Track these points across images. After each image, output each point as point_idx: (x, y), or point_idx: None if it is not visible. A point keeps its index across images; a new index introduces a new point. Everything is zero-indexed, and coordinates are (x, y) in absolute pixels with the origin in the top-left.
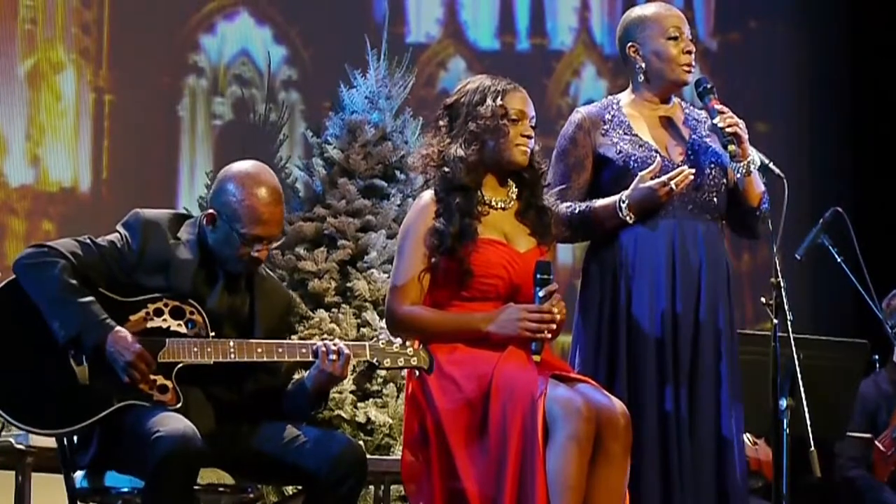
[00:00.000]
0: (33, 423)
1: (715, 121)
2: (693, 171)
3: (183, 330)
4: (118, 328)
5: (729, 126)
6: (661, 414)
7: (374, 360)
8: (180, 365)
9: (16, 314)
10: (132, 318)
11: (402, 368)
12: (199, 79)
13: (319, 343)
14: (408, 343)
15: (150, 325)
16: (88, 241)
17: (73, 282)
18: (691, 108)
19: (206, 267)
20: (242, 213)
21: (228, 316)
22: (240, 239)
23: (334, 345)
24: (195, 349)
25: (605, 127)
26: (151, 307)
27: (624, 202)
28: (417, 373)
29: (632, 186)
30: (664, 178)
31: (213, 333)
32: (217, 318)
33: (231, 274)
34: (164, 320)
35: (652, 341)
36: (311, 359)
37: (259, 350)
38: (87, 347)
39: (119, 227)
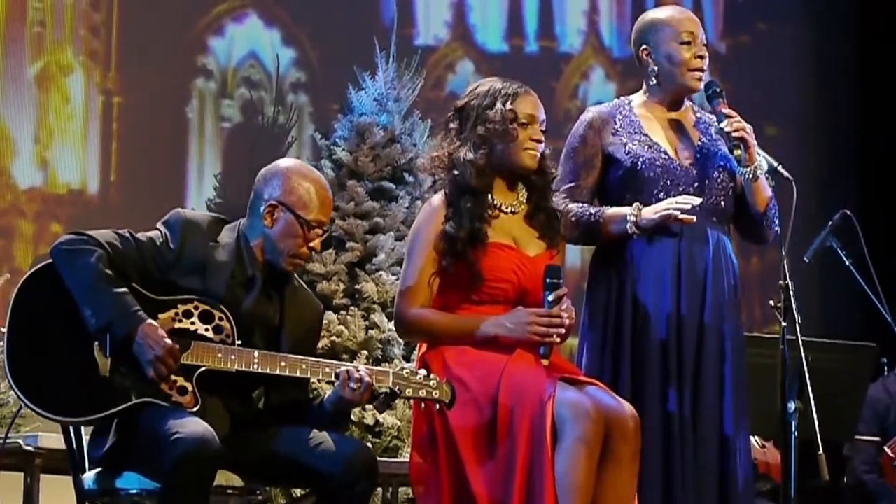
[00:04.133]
0: (50, 408)
1: (722, 125)
2: (693, 218)
3: (210, 335)
4: (150, 321)
5: (736, 130)
6: (665, 416)
7: (396, 389)
8: (202, 369)
9: (46, 299)
10: (161, 316)
11: (423, 399)
12: (207, 81)
13: (342, 368)
14: (432, 375)
15: (177, 325)
16: (128, 234)
17: (109, 272)
18: (702, 111)
19: (243, 272)
20: (308, 199)
21: (260, 323)
22: (304, 226)
23: (357, 372)
24: (219, 355)
25: (615, 126)
26: (181, 308)
27: (632, 216)
28: (438, 406)
29: (652, 209)
30: (672, 208)
31: (239, 342)
32: (249, 324)
33: (266, 283)
34: (192, 323)
35: (656, 344)
36: (332, 380)
37: (283, 364)
38: (117, 337)
39: (159, 225)
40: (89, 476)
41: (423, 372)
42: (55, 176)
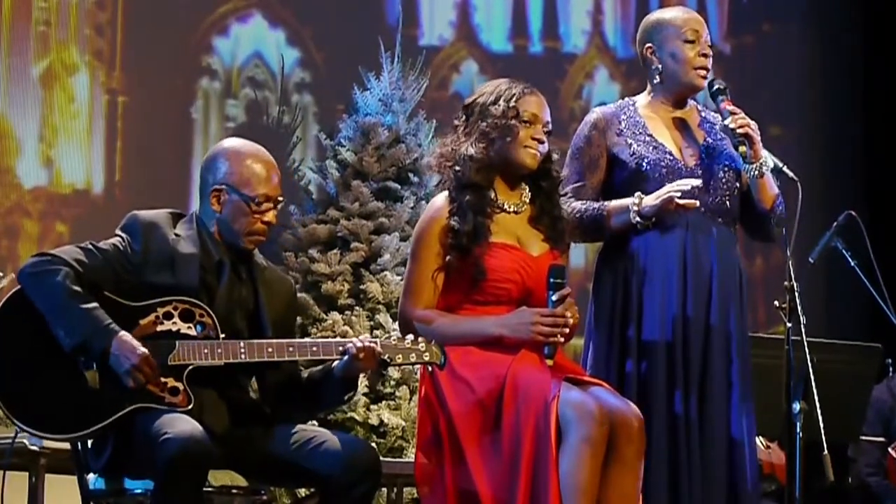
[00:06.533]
0: (46, 428)
1: (726, 121)
2: (696, 202)
3: (193, 332)
4: (122, 333)
5: (740, 127)
6: (671, 417)
7: (387, 357)
8: (191, 367)
9: (27, 322)
10: (142, 322)
11: (414, 364)
12: (212, 81)
13: (350, 345)
14: (420, 339)
15: (159, 328)
16: (91, 246)
17: (77, 288)
18: (707, 111)
19: (210, 258)
20: (248, 176)
21: (238, 306)
22: (251, 203)
23: (360, 342)
24: (205, 351)
25: (619, 127)
26: (161, 311)
27: (635, 205)
28: (431, 369)
29: (653, 195)
30: (675, 192)
31: (223, 335)
32: (228, 310)
33: (235, 264)
34: (174, 323)
35: (662, 345)
36: (321, 357)
37: (269, 350)
38: (93, 353)
39: (118, 231)
40: (94, 476)
41: (410, 337)
42: (60, 175)
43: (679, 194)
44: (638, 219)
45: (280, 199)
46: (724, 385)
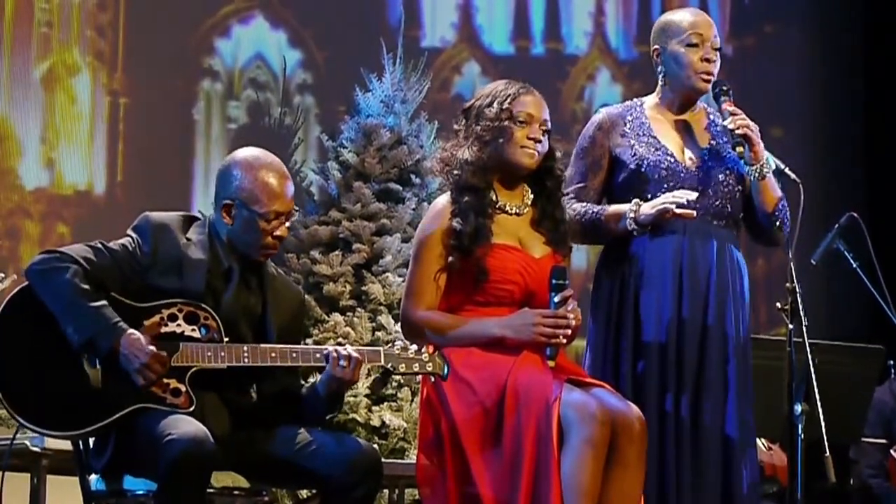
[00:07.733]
0: (47, 425)
1: (725, 122)
2: (693, 213)
3: (196, 335)
4: (131, 331)
5: (739, 128)
6: (662, 417)
7: (389, 366)
8: (194, 369)
9: (30, 319)
10: (146, 322)
11: (416, 374)
12: (213, 82)
13: (331, 348)
14: (423, 349)
15: (164, 329)
16: (100, 245)
17: (85, 286)
18: (716, 113)
19: (219, 266)
20: (258, 192)
21: (244, 314)
22: (261, 219)
23: (345, 350)
24: (209, 353)
25: (624, 128)
26: (166, 312)
27: (633, 212)
28: (433, 378)
29: (650, 204)
30: (668, 202)
31: (227, 339)
32: (232, 317)
33: (244, 272)
34: (178, 325)
35: (657, 347)
36: (323, 364)
37: (273, 355)
38: (101, 351)
39: (129, 231)
40: (96, 477)
41: (413, 347)
42: (61, 177)
43: (675, 206)
44: (634, 226)
45: (294, 210)
46: (720, 386)
